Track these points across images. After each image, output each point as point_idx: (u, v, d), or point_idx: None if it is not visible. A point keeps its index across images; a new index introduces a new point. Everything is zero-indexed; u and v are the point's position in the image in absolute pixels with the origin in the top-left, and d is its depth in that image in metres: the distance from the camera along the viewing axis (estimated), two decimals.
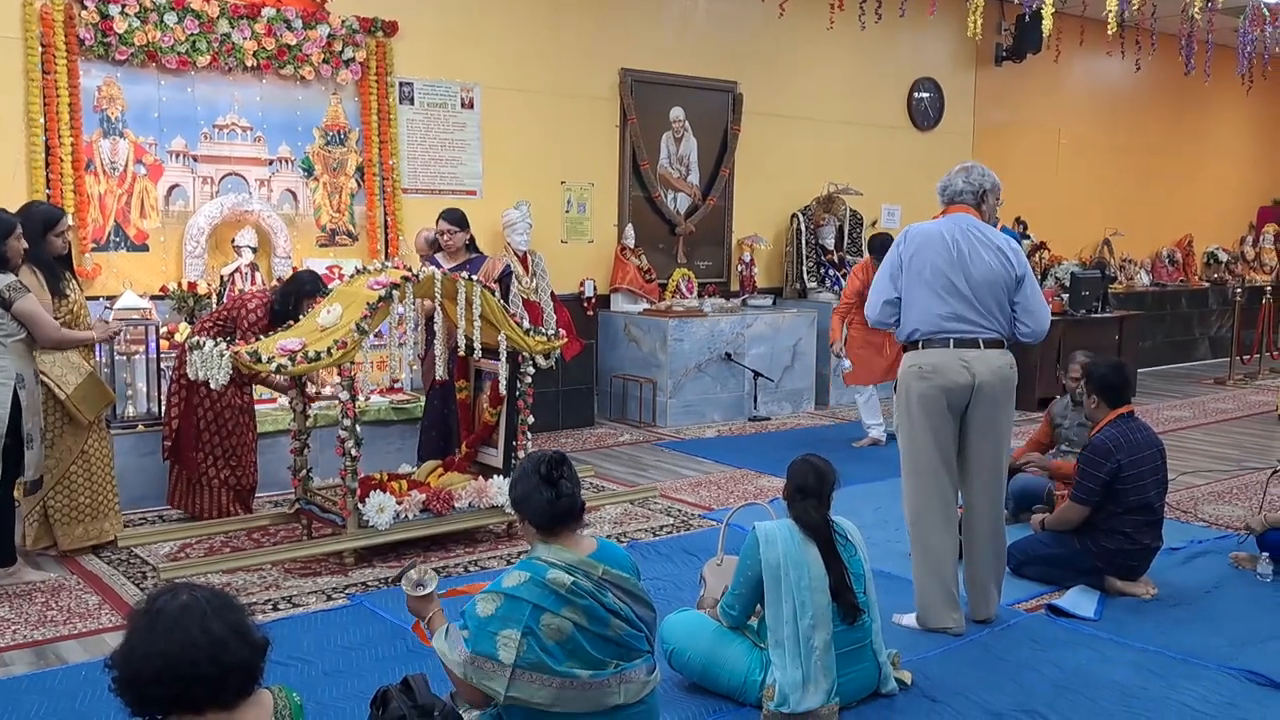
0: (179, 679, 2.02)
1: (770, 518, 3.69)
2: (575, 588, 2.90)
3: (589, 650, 2.91)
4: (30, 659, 3.98)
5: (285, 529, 5.46)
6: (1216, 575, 5.00)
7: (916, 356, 4.18)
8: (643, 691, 3.02)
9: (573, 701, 2.89)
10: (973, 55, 11.28)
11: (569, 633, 2.88)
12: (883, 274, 4.29)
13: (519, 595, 2.88)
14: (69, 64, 6.38)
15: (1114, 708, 3.62)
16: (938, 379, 4.11)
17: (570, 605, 2.89)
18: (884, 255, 4.46)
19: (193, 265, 6.75)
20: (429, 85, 7.84)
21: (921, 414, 4.15)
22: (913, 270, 4.16)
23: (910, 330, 4.19)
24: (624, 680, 2.96)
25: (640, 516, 5.92)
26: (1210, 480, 6.94)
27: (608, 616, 2.94)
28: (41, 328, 4.55)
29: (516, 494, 3.05)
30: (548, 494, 2.98)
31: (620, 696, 2.95)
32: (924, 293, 4.13)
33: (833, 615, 3.46)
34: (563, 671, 2.87)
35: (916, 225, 4.28)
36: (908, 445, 4.23)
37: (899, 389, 4.28)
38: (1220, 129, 14.31)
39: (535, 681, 2.85)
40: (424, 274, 5.04)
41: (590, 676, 2.90)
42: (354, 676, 3.79)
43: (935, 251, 4.13)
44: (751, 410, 8.77)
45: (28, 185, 6.31)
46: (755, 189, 9.74)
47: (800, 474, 3.64)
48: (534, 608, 2.86)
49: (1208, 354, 13.37)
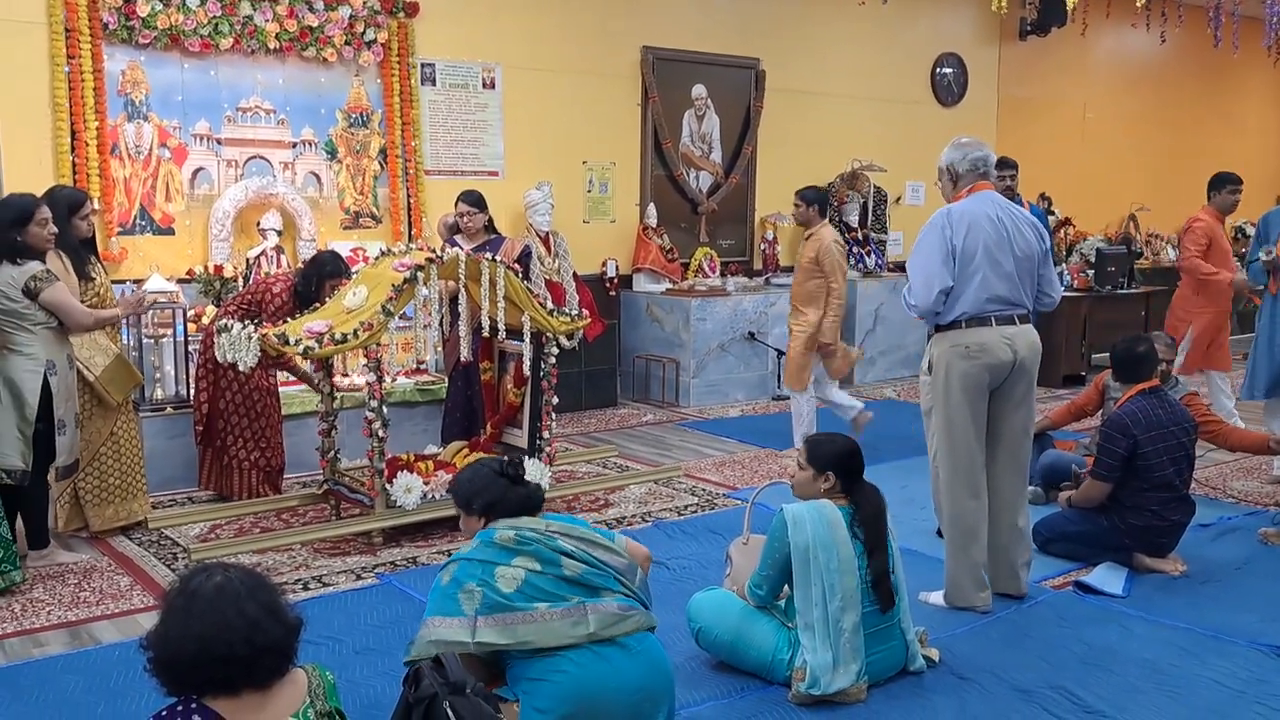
0: (214, 660, 2.04)
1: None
2: (521, 537, 3.03)
3: (549, 591, 2.99)
4: (65, 639, 4.04)
5: (314, 509, 5.50)
6: (1246, 552, 4.97)
7: (961, 336, 4.10)
8: (619, 624, 3.02)
9: (540, 633, 2.94)
10: (996, 30, 11.16)
11: (524, 579, 2.98)
12: (932, 260, 4.12)
13: (471, 557, 3.03)
14: (93, 48, 6.41)
15: (1143, 684, 3.61)
16: (985, 358, 4.07)
17: (519, 554, 3.01)
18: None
19: (218, 248, 6.79)
20: (450, 66, 7.84)
21: (962, 393, 4.10)
22: (965, 254, 4.08)
23: (958, 313, 4.11)
24: (591, 610, 3.00)
25: (665, 496, 5.93)
26: (1239, 456, 6.88)
27: (558, 557, 3.03)
28: (71, 315, 4.57)
29: (487, 500, 3.16)
30: (521, 491, 3.18)
31: (591, 625, 2.97)
32: (975, 276, 4.07)
33: (861, 596, 3.47)
34: (522, 608, 2.96)
35: (956, 208, 4.15)
36: (944, 425, 4.17)
37: (937, 368, 4.18)
38: (1248, 102, 14.11)
39: (497, 624, 2.93)
40: (448, 255, 5.05)
41: (549, 607, 2.97)
42: (384, 655, 3.82)
43: (985, 233, 4.07)
44: (775, 389, 8.75)
45: (54, 170, 6.35)
46: (778, 166, 9.68)
47: (846, 454, 3.61)
48: (485, 564, 3.00)
49: (1235, 329, 13.22)
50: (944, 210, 4.18)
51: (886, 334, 9.63)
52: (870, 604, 3.49)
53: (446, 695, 2.62)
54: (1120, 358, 4.86)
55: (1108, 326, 9.30)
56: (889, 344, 9.67)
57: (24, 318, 4.45)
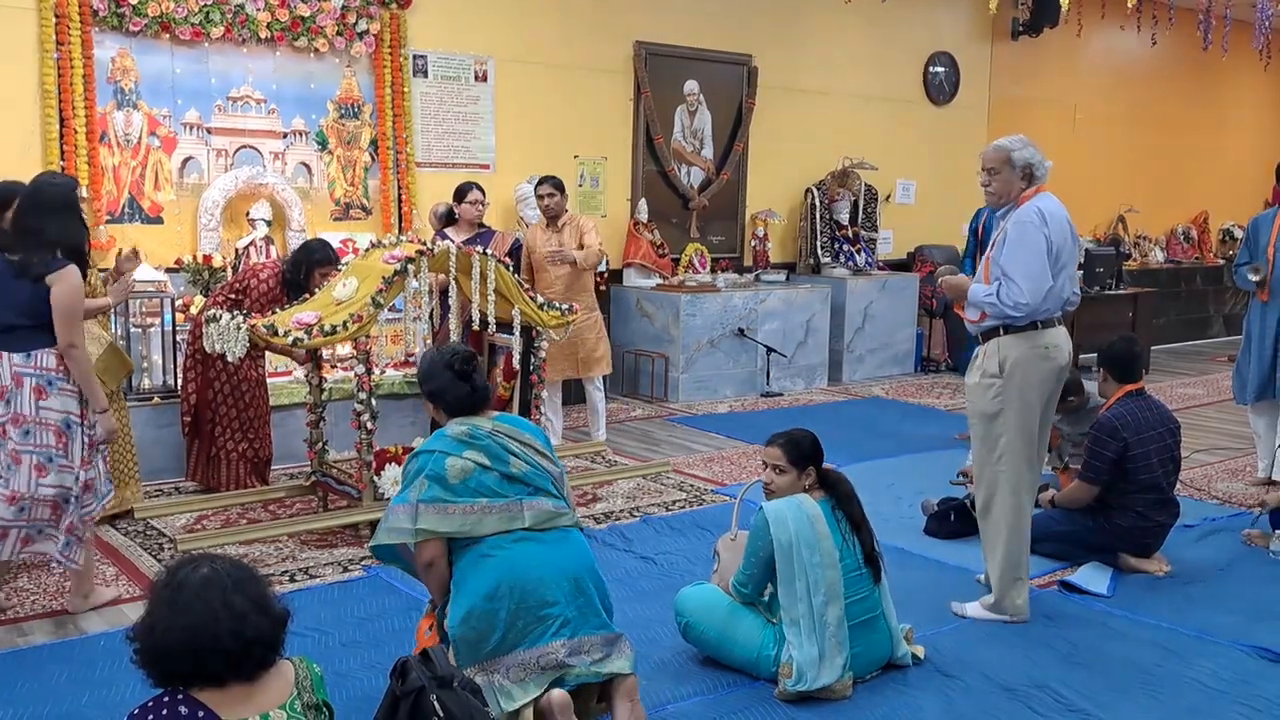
0: (201, 652, 2.04)
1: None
2: (471, 432, 3.22)
3: (492, 486, 3.18)
4: (50, 629, 4.03)
5: (301, 501, 5.49)
6: (1230, 553, 5.00)
7: (1038, 337, 4.02)
8: (555, 520, 3.23)
9: (477, 524, 3.15)
10: (989, 29, 11.18)
11: (472, 470, 3.17)
12: (1040, 258, 3.97)
13: (426, 448, 3.24)
14: (83, 35, 6.36)
15: (1127, 683, 3.63)
16: (1060, 358, 4.07)
17: (470, 447, 3.20)
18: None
19: (207, 238, 6.76)
20: (442, 58, 7.82)
21: (1039, 395, 4.05)
22: (1056, 254, 4.01)
23: (1042, 312, 4.01)
24: (527, 507, 3.20)
25: (653, 491, 5.93)
26: (1223, 458, 6.93)
27: (506, 455, 3.22)
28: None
29: (432, 387, 3.33)
30: (464, 388, 3.31)
31: (526, 520, 3.18)
32: (1060, 275, 4.03)
33: (845, 587, 3.50)
34: (465, 500, 3.15)
35: (1047, 206, 4.04)
36: (1021, 428, 4.04)
37: (1013, 370, 4.02)
38: (1237, 105, 14.17)
39: (439, 512, 3.13)
40: (439, 248, 5.04)
41: (489, 501, 3.16)
42: (371, 647, 3.82)
43: (1067, 235, 4.06)
44: (764, 386, 8.76)
45: (42, 157, 6.31)
46: (769, 163, 9.69)
47: (813, 442, 3.67)
48: (438, 454, 3.19)
49: (1222, 331, 13.31)
50: (1034, 209, 4.03)
51: (875, 332, 9.65)
52: (855, 594, 3.51)
53: (434, 689, 2.62)
54: (1118, 356, 4.85)
55: (1095, 328, 9.32)
56: (878, 342, 9.69)
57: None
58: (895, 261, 10.49)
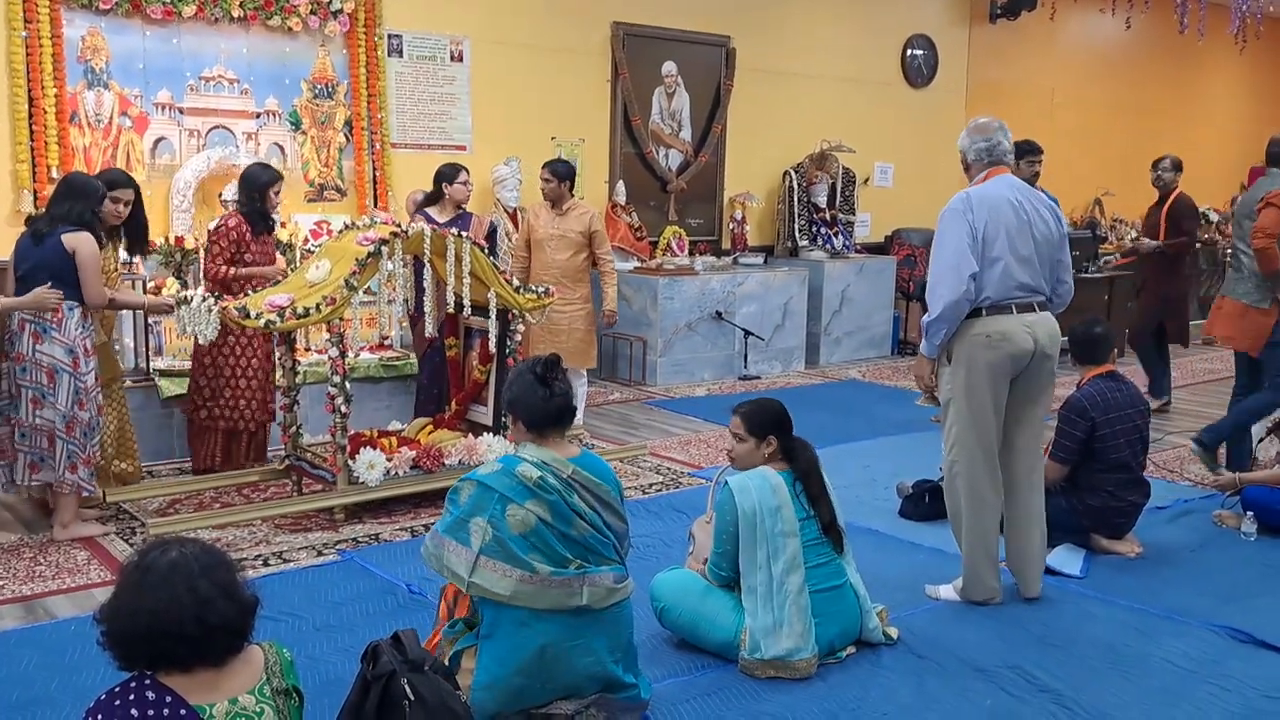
0: (164, 636, 2.02)
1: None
2: (542, 482, 3.03)
3: (553, 545, 3.02)
4: (20, 614, 3.99)
5: (275, 485, 5.45)
6: (1201, 534, 5.04)
7: (982, 324, 3.98)
8: (610, 598, 3.09)
9: (534, 597, 2.97)
10: (967, 12, 11.18)
11: (533, 525, 2.99)
12: (958, 246, 3.93)
13: (489, 484, 3.04)
14: (51, 13, 6.27)
15: (1099, 664, 3.66)
16: (1007, 346, 3.96)
17: (535, 499, 3.01)
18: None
19: (179, 219, 6.69)
20: (418, 38, 7.75)
21: (987, 383, 3.99)
22: (987, 239, 3.95)
23: (981, 299, 3.97)
24: (589, 582, 3.04)
25: (630, 474, 5.93)
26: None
27: (571, 515, 3.04)
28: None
29: (512, 394, 3.18)
30: (542, 393, 3.12)
31: (584, 598, 3.02)
32: (998, 262, 3.95)
33: (805, 555, 3.52)
34: (524, 562, 2.96)
35: (976, 191, 4.02)
36: (967, 417, 4.02)
37: (957, 358, 4.01)
38: (1213, 89, 14.24)
39: (496, 570, 2.96)
40: (413, 230, 5.00)
41: (552, 573, 2.99)
42: (344, 631, 3.80)
43: (1006, 218, 3.95)
44: (742, 369, 8.77)
45: (11, 137, 6.23)
46: (748, 146, 9.67)
47: (776, 412, 3.69)
48: (501, 497, 3.00)
49: (1197, 314, 13.34)
50: (963, 194, 4.02)
51: (852, 315, 9.67)
52: (816, 560, 3.54)
53: (405, 672, 2.61)
54: (1079, 339, 4.92)
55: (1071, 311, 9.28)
56: (855, 325, 9.71)
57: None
58: (873, 245, 10.50)
